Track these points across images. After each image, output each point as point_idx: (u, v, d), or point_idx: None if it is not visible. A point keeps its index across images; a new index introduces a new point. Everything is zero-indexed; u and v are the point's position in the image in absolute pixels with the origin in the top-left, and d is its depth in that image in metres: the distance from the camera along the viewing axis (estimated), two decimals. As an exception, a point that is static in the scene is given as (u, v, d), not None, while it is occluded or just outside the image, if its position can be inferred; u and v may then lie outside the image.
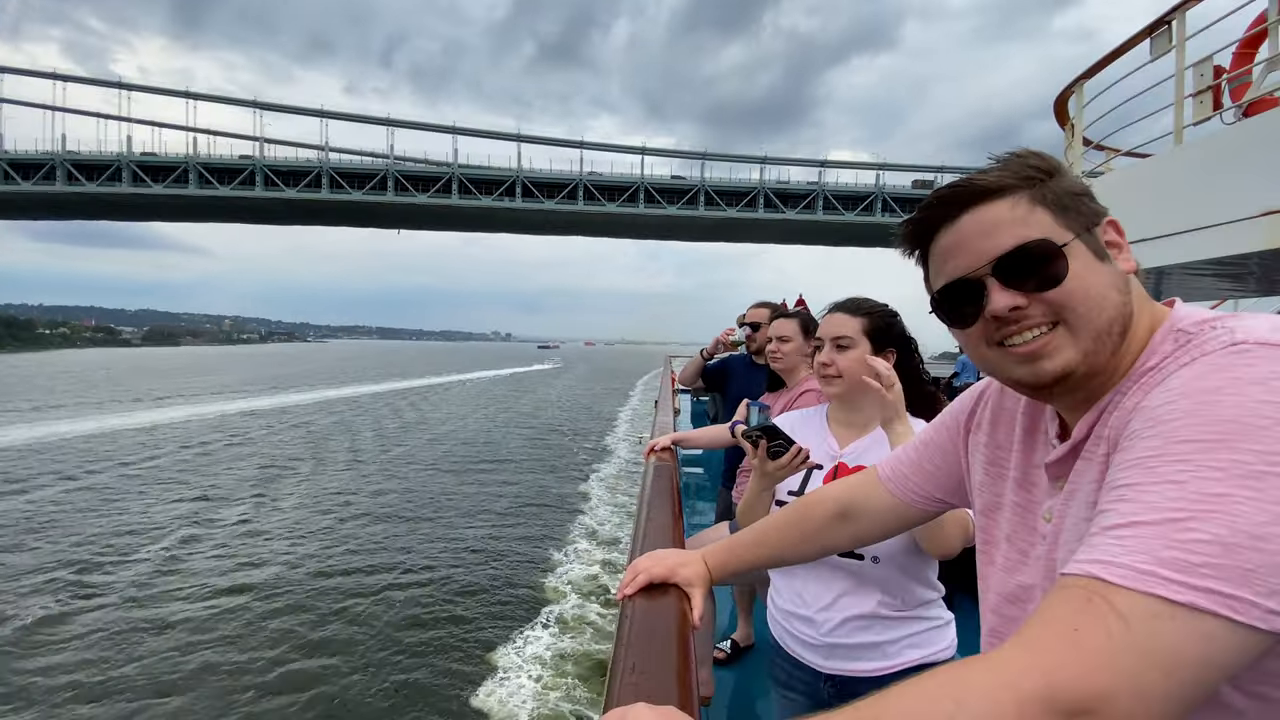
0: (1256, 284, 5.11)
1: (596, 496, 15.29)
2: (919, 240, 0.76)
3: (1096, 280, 0.66)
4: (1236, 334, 0.55)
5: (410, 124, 68.07)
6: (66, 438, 23.15)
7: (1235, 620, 0.44)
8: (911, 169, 69.29)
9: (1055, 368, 0.66)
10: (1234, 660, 0.46)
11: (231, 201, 66.70)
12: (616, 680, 0.86)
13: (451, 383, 53.22)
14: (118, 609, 9.36)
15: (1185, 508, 0.47)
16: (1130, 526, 0.49)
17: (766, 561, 1.22)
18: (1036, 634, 0.48)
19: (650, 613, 1.06)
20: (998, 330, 0.69)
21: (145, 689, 7.43)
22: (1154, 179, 4.40)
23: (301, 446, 22.10)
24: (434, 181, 66.50)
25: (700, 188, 68.03)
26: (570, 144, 69.19)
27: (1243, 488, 0.46)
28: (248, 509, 14.22)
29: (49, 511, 14.01)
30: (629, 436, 24.22)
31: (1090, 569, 0.49)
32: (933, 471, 0.99)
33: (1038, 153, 0.71)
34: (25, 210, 72.90)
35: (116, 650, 8.26)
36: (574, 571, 10.38)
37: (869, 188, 67.05)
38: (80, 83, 68.94)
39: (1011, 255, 0.66)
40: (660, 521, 1.63)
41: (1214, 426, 0.49)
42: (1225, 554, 0.45)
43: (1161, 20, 4.36)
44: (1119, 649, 0.45)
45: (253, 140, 64.81)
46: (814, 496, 1.18)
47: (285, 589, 9.97)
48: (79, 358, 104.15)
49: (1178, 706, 0.45)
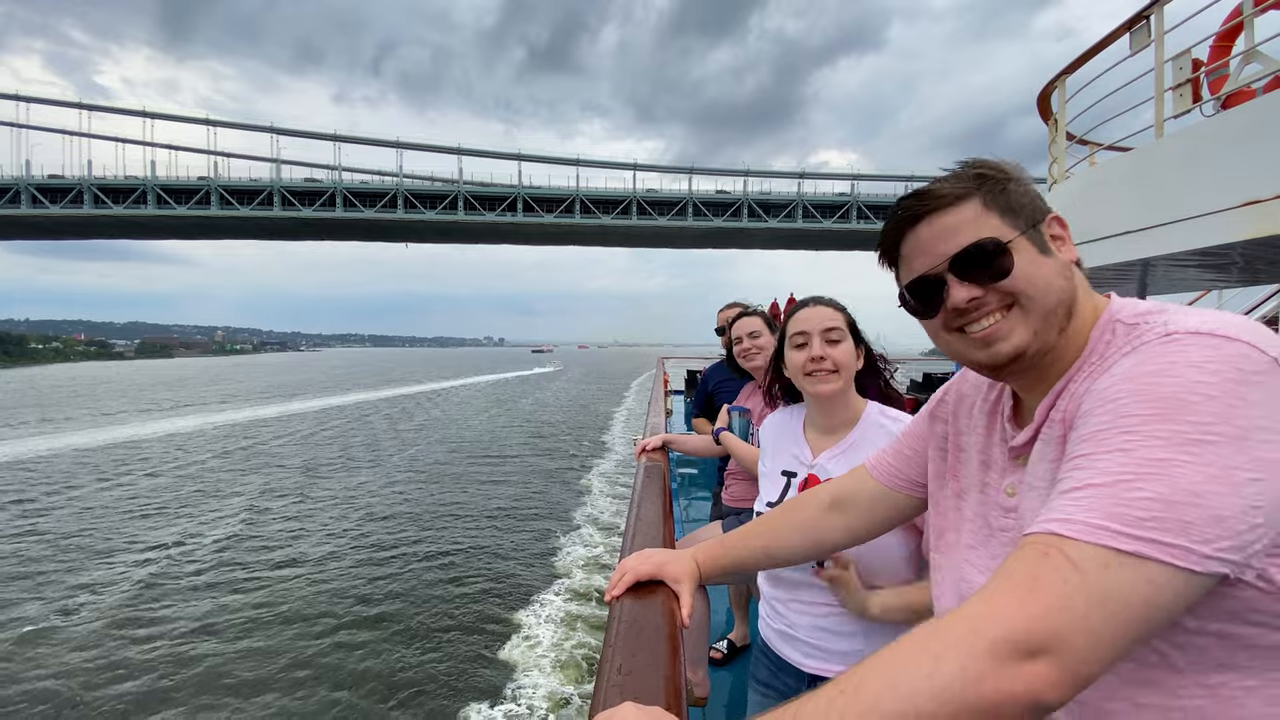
0: (1239, 274, 5.16)
1: (597, 489, 16.60)
2: (890, 248, 0.85)
3: (1041, 269, 0.75)
4: (1169, 326, 0.63)
5: (418, 146, 72.16)
6: (141, 438, 26.69)
7: (1175, 565, 0.51)
8: (884, 179, 75.20)
9: (1010, 348, 0.76)
10: (1174, 602, 0.53)
11: (252, 221, 71.01)
12: (604, 681, 0.86)
13: (455, 387, 55.92)
14: (199, 593, 10.49)
15: (1132, 471, 0.55)
16: (1084, 489, 0.57)
17: (758, 556, 1.21)
18: (1001, 586, 0.55)
19: (638, 612, 1.05)
20: (958, 318, 0.79)
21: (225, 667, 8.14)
22: (1136, 172, 4.44)
23: (331, 447, 24.41)
24: (441, 199, 71.05)
25: (689, 200, 72.67)
26: (567, 161, 73.76)
27: (1182, 453, 0.54)
28: (296, 500, 16.23)
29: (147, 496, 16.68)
30: (624, 436, 25.81)
31: (1049, 526, 0.56)
32: (911, 456, 1.06)
33: (988, 161, 0.80)
34: (54, 232, 76.63)
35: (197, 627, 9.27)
36: (577, 553, 11.66)
37: (845, 196, 71.94)
38: (104, 111, 73.27)
39: (964, 254, 0.76)
40: (650, 520, 1.63)
41: (1155, 403, 0.57)
42: (1167, 509, 0.52)
43: (1140, 15, 4.40)
44: (1073, 594, 0.52)
45: (270, 162, 69.24)
46: (808, 492, 1.21)
47: (334, 565, 11.53)
48: (80, 372, 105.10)
49: (1124, 643, 0.52)
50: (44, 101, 73.88)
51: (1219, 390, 0.56)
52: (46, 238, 79.77)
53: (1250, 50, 4.13)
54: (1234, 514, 0.52)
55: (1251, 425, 0.54)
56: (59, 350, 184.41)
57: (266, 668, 8.02)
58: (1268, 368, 0.57)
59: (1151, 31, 4.30)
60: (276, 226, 74.11)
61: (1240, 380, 0.56)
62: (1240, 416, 0.54)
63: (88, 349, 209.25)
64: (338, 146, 70.77)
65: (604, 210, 73.56)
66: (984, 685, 0.50)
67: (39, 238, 79.11)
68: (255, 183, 70.17)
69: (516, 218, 72.57)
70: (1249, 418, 0.54)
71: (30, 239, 79.43)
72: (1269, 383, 0.56)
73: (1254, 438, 0.54)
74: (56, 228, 73.83)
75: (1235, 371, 0.56)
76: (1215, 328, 0.60)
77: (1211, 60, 4.42)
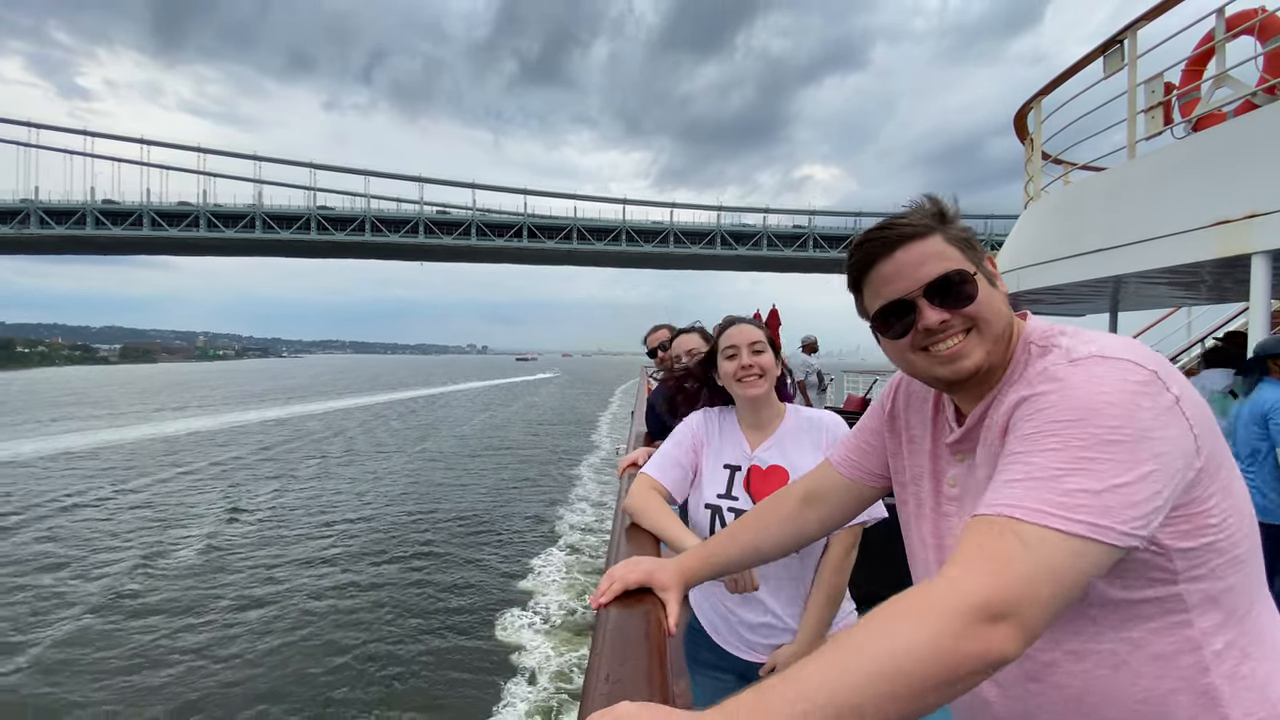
0: (1208, 292, 5.29)
1: (587, 476, 18.79)
2: (859, 271, 0.94)
3: (993, 298, 0.88)
4: (1073, 353, 0.77)
5: (439, 181, 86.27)
6: (172, 434, 28.42)
7: (1101, 541, 0.65)
8: (835, 214, 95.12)
9: (971, 365, 0.87)
10: (1097, 569, 0.66)
11: (290, 243, 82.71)
12: (591, 689, 0.86)
13: (456, 392, 58.87)
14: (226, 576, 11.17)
15: (1063, 466, 0.68)
16: (1026, 481, 0.69)
17: (743, 555, 1.23)
18: (966, 560, 0.66)
19: (625, 620, 1.05)
20: (926, 338, 0.89)
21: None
22: (1109, 191, 4.55)
23: (341, 443, 26.03)
24: (457, 226, 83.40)
25: (670, 230, 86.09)
26: (567, 196, 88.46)
27: (1101, 452, 0.67)
28: (317, 493, 17.30)
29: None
30: (610, 435, 27.57)
31: (1002, 510, 0.68)
32: (869, 450, 1.15)
33: (936, 199, 0.92)
34: (114, 249, 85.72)
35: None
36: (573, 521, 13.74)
37: (803, 229, 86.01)
38: (162, 146, 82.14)
39: (938, 281, 0.87)
40: (634, 529, 1.61)
41: (1075, 411, 0.70)
42: (1094, 499, 0.65)
43: (1114, 39, 4.53)
44: (1025, 569, 0.63)
45: (308, 190, 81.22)
46: (780, 490, 1.28)
47: (352, 550, 12.48)
48: (70, 375, 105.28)
49: (1062, 604, 0.65)
50: (49, 127, 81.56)
51: (1119, 400, 0.69)
52: (110, 253, 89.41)
53: (1221, 75, 4.25)
54: (1142, 499, 0.66)
55: (1146, 426, 0.68)
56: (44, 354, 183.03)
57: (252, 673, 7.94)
58: (1149, 378, 0.71)
59: (1125, 55, 4.42)
60: (310, 247, 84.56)
61: (1133, 391, 0.70)
62: (1138, 419, 0.68)
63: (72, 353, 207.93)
64: (367, 180, 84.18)
65: (597, 238, 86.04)
66: (962, 644, 0.60)
67: (45, 253, 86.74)
68: (290, 208, 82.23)
69: (522, 243, 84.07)
70: (1144, 419, 0.68)
71: (37, 254, 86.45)
72: (1152, 391, 0.70)
73: (1150, 436, 0.68)
74: (117, 244, 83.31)
75: (1128, 384, 0.70)
76: (1106, 351, 0.75)
77: (1183, 84, 4.54)
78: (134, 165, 79.09)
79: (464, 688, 7.58)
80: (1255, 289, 3.31)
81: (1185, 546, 0.73)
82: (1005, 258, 5.72)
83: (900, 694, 0.59)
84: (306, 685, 7.68)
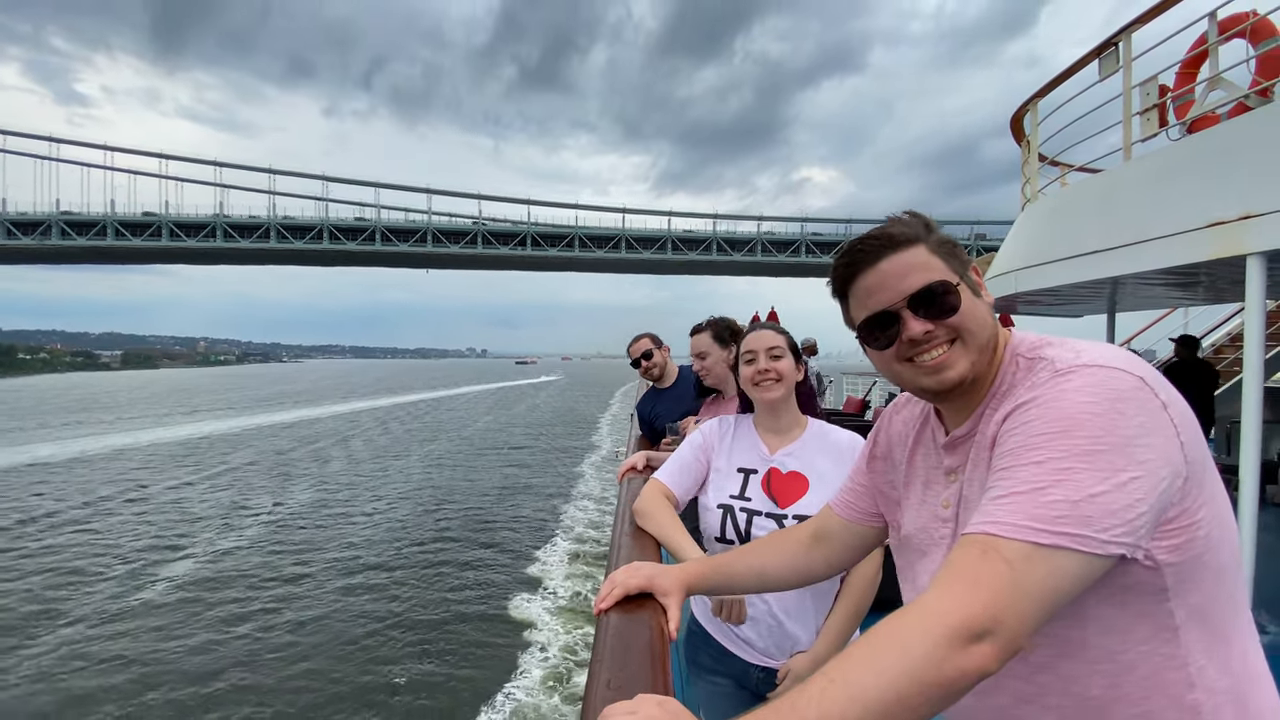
0: (1205, 292, 5.31)
1: (589, 474, 19.71)
2: (844, 281, 0.94)
3: (977, 309, 0.88)
4: (1057, 364, 0.77)
5: (445, 192, 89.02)
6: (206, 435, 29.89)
7: (1082, 551, 0.65)
8: (826, 220, 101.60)
9: (956, 375, 0.87)
10: (1081, 581, 0.67)
11: (303, 253, 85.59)
12: (593, 695, 0.86)
13: (460, 395, 60.21)
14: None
15: (1044, 480, 0.68)
16: (1008, 496, 0.70)
17: (748, 575, 1.23)
18: (951, 580, 0.67)
19: (626, 626, 1.06)
20: (910, 349, 0.89)
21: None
22: (1106, 193, 4.56)
23: (353, 445, 26.72)
24: (463, 235, 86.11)
25: (668, 237, 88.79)
26: (569, 205, 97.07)
27: (1080, 462, 0.67)
28: (336, 493, 17.95)
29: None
30: (611, 435, 28.63)
31: (984, 528, 0.69)
32: (862, 491, 1.16)
33: (918, 213, 0.92)
34: (135, 259, 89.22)
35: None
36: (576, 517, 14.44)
37: (796, 235, 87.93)
38: (179, 160, 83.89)
39: (922, 292, 0.87)
40: (637, 534, 1.62)
41: (1058, 423, 0.71)
42: (1073, 509, 0.66)
43: (1109, 41, 4.54)
44: (1006, 586, 0.64)
45: (319, 201, 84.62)
46: (793, 527, 1.31)
47: (370, 539, 13.35)
48: (75, 381, 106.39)
49: (1044, 617, 0.66)
50: (71, 142, 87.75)
51: (1101, 409, 0.70)
52: (132, 263, 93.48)
53: (1215, 77, 4.27)
54: (1122, 506, 0.66)
55: (1129, 434, 0.68)
56: (46, 361, 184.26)
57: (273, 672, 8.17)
58: (1135, 386, 0.71)
59: (1120, 58, 4.44)
60: (322, 255, 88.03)
61: (1117, 399, 0.70)
62: (1120, 428, 0.68)
63: (74, 360, 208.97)
64: (377, 192, 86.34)
65: (598, 245, 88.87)
66: (945, 666, 0.62)
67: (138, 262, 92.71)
68: (301, 218, 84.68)
69: (526, 251, 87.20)
70: (1127, 428, 0.68)
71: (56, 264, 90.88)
72: (1138, 398, 0.70)
73: (1133, 443, 0.68)
74: (140, 255, 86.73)
75: (1111, 393, 0.71)
76: (1091, 360, 0.75)
77: (1177, 86, 4.56)
78: (151, 177, 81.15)
79: (483, 652, 8.44)
80: (1250, 289, 3.32)
81: (1176, 561, 0.72)
82: (1003, 259, 5.73)
83: (894, 717, 0.61)
84: (350, 644, 8.76)
